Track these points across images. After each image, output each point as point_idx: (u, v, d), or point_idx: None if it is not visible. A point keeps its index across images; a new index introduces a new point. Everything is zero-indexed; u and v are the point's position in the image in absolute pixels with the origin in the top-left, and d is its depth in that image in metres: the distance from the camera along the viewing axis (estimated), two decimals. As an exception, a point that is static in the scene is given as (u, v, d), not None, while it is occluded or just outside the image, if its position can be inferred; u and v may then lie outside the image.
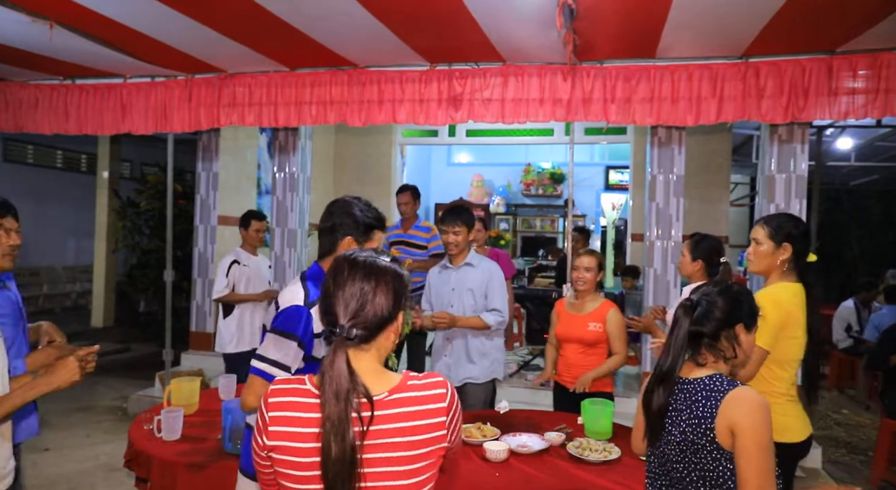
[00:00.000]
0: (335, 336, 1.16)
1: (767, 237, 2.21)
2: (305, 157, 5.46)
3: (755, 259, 2.26)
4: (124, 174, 8.24)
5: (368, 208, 1.93)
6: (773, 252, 2.20)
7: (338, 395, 1.10)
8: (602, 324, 3.03)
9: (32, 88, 4.64)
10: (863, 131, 6.89)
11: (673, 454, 1.58)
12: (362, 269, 1.19)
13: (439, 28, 3.39)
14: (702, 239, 2.93)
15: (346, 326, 1.15)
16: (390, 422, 1.13)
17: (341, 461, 1.08)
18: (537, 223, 9.60)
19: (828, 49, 3.52)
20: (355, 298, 1.17)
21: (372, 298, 1.17)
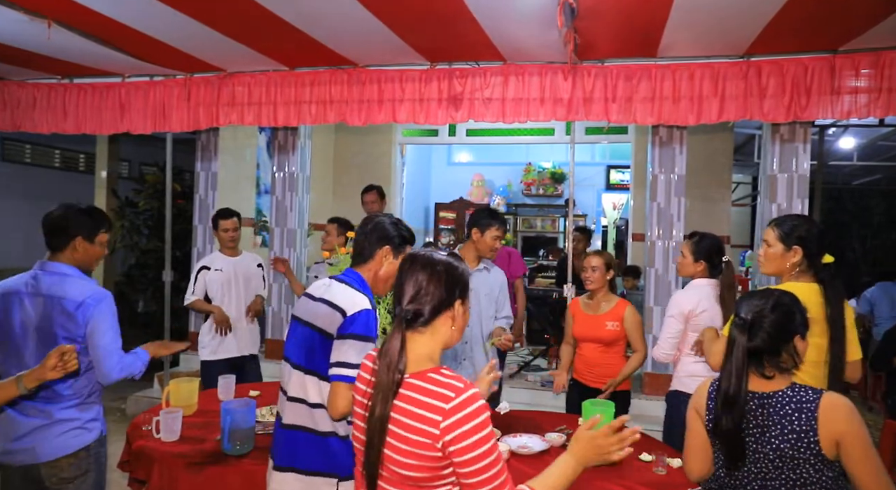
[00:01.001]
0: (397, 316, 1.37)
1: (778, 239, 2.21)
2: (305, 157, 5.44)
3: (766, 261, 2.26)
4: (123, 174, 8.23)
5: (401, 224, 2.03)
6: (784, 254, 2.20)
7: (389, 367, 1.32)
8: (619, 322, 3.09)
9: (30, 87, 4.63)
10: (865, 131, 6.87)
11: (767, 471, 1.54)
12: (420, 262, 1.40)
13: (439, 27, 3.38)
14: (702, 238, 2.87)
15: (405, 308, 1.36)
16: (401, 401, 1.31)
17: (380, 420, 1.30)
18: (538, 223, 9.58)
19: (830, 48, 3.50)
20: (413, 285, 1.37)
21: (426, 285, 1.37)
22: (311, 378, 1.84)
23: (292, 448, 1.85)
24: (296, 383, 1.86)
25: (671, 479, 2.18)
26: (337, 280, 1.92)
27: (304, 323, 1.88)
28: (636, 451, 2.35)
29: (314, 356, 1.83)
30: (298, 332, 1.90)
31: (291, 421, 1.86)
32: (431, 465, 1.26)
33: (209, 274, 3.88)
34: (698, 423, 1.69)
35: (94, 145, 6.90)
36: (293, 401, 1.87)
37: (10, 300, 2.12)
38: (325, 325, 1.80)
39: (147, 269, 7.00)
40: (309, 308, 1.89)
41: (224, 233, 3.91)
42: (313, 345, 1.83)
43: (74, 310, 2.06)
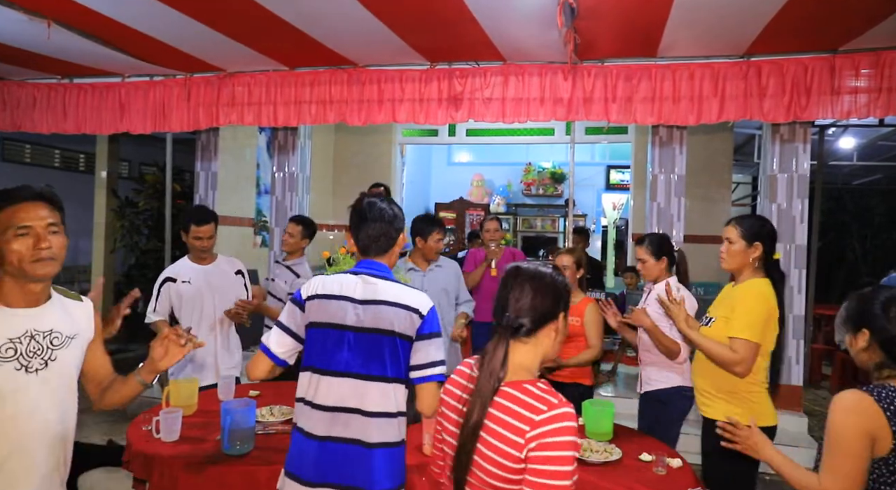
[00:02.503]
0: (502, 324, 1.39)
1: (740, 236, 2.35)
2: (305, 157, 5.44)
3: (728, 257, 2.39)
4: (122, 174, 8.23)
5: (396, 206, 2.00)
6: (746, 250, 2.35)
7: (490, 375, 1.34)
8: (580, 318, 3.11)
9: (30, 87, 4.63)
10: (865, 130, 6.87)
11: None
12: (527, 274, 1.42)
13: (439, 27, 3.38)
14: (662, 239, 3.02)
15: (511, 316, 1.38)
16: (494, 408, 1.32)
17: (475, 426, 1.31)
18: (538, 223, 9.57)
19: (830, 48, 3.50)
20: (520, 297, 1.39)
21: (533, 297, 1.39)
22: (377, 385, 1.77)
23: (335, 462, 1.76)
24: (377, 397, 1.77)
25: (671, 479, 2.18)
26: (374, 276, 1.84)
27: (371, 330, 1.78)
28: (636, 451, 2.35)
29: (385, 362, 1.77)
30: (362, 340, 1.79)
31: (339, 433, 1.76)
32: (514, 476, 1.26)
33: (175, 287, 3.15)
34: (868, 447, 1.48)
35: (94, 145, 6.90)
36: (344, 411, 1.77)
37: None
38: (405, 328, 1.77)
39: (147, 269, 6.99)
40: (369, 313, 1.79)
41: (196, 241, 3.14)
42: (385, 350, 1.77)
43: None
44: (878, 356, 1.57)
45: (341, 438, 1.77)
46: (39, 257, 1.51)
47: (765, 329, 2.25)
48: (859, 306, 1.62)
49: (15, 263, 1.49)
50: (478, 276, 4.52)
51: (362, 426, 1.77)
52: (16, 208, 1.53)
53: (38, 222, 1.54)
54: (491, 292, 4.55)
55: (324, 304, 1.83)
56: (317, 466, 1.78)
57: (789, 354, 4.28)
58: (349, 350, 1.79)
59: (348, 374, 1.79)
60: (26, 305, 1.55)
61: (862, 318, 1.60)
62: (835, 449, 1.49)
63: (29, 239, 1.51)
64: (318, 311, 1.84)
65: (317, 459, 1.78)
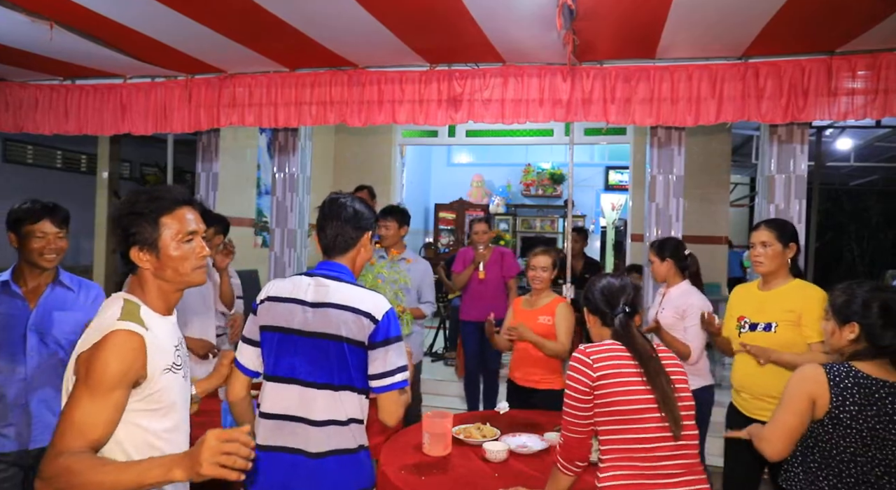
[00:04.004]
0: (620, 313, 1.86)
1: (776, 239, 2.43)
2: (305, 158, 5.45)
3: (766, 260, 2.45)
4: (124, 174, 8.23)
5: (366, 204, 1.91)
6: (783, 252, 2.43)
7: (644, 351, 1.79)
8: (552, 317, 3.16)
9: (32, 89, 4.64)
10: (862, 132, 6.89)
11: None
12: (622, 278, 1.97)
13: (439, 28, 3.39)
14: (664, 242, 3.20)
15: (623, 308, 1.86)
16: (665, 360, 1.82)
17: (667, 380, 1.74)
18: (537, 223, 9.59)
19: (827, 49, 3.52)
20: (626, 293, 1.90)
21: (632, 290, 1.91)
22: (345, 393, 1.71)
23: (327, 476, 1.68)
24: (324, 405, 1.69)
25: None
26: (327, 278, 1.76)
27: (317, 335, 1.69)
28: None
29: (346, 369, 1.69)
30: (309, 346, 1.70)
31: (324, 448, 1.68)
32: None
33: None
34: (809, 409, 1.74)
35: (96, 146, 6.91)
36: (324, 425, 1.70)
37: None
38: (354, 333, 1.68)
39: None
40: (317, 317, 1.70)
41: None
42: (332, 356, 1.69)
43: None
44: (861, 346, 1.75)
45: (285, 448, 1.69)
46: (202, 265, 1.45)
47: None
48: (845, 301, 1.78)
49: (181, 270, 1.40)
50: (465, 278, 4.54)
51: (306, 436, 1.69)
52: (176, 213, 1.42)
53: (200, 227, 1.46)
54: (478, 293, 4.60)
55: (273, 307, 1.76)
56: (265, 478, 1.70)
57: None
58: (296, 355, 1.71)
59: (294, 380, 1.71)
60: (167, 313, 1.47)
61: (850, 313, 1.76)
62: (782, 404, 1.79)
63: (195, 245, 1.43)
64: (267, 314, 1.77)
65: (264, 470, 1.70)
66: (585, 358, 1.78)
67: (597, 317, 1.95)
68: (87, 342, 1.32)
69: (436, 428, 2.36)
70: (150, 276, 1.42)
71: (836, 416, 1.70)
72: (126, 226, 1.39)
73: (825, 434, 1.74)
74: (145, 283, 1.43)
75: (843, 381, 1.71)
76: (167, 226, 1.39)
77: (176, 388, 1.43)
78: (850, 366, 1.74)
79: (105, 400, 1.27)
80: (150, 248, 1.39)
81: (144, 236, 1.38)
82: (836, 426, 1.71)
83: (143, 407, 1.36)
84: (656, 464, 1.70)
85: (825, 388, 1.71)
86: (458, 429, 2.55)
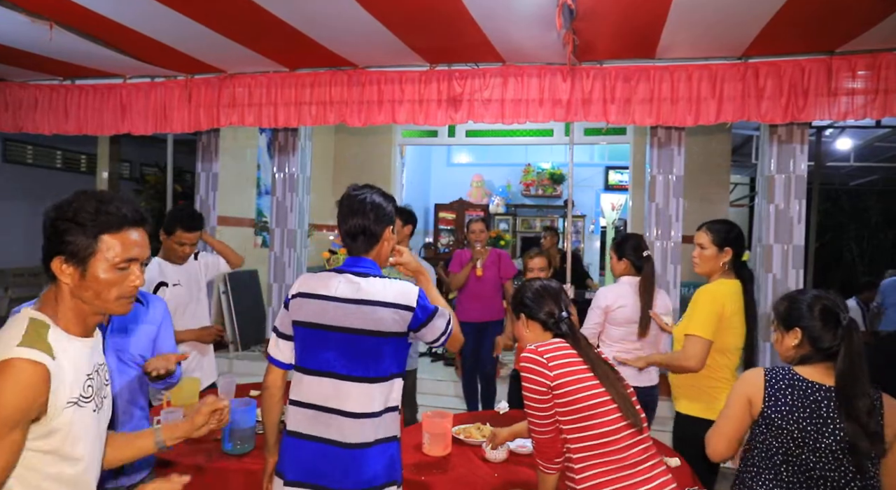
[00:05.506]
0: (565, 320, 1.91)
1: (711, 242, 2.52)
2: (305, 158, 5.45)
3: (701, 262, 2.56)
4: (124, 174, 8.24)
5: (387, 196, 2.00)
6: (717, 255, 2.52)
7: (590, 351, 1.85)
8: None
9: (32, 89, 4.64)
10: (862, 132, 6.89)
11: (828, 462, 1.70)
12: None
13: (439, 28, 3.40)
14: (623, 241, 3.24)
15: (566, 312, 1.93)
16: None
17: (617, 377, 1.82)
18: (537, 223, 9.59)
19: (827, 49, 3.53)
20: (563, 296, 1.99)
21: (563, 292, 2.01)
22: (379, 385, 1.75)
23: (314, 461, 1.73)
24: (358, 398, 1.74)
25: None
26: (357, 275, 1.81)
27: (352, 331, 1.74)
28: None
29: (381, 361, 1.75)
30: (343, 341, 1.75)
31: (359, 439, 1.72)
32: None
33: (169, 291, 2.99)
34: (746, 410, 1.79)
35: (96, 146, 6.92)
36: (324, 411, 1.75)
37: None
38: (391, 326, 1.74)
39: (147, 270, 7.01)
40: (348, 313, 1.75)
41: (179, 246, 3.02)
42: (369, 351, 1.74)
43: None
44: (805, 350, 1.79)
45: (321, 438, 1.74)
46: (129, 296, 1.30)
47: (719, 327, 2.40)
48: (789, 308, 1.83)
49: (103, 296, 1.25)
50: (463, 277, 4.53)
51: (341, 427, 1.73)
52: (122, 234, 1.26)
53: (143, 254, 1.30)
54: (475, 294, 4.61)
55: (306, 303, 1.80)
56: (297, 465, 1.75)
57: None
58: (330, 350, 1.76)
59: (330, 373, 1.76)
60: (85, 335, 1.30)
61: (791, 319, 1.81)
62: (724, 407, 1.84)
63: (129, 273, 1.27)
64: (300, 310, 1.81)
65: (297, 458, 1.75)
66: (540, 358, 1.78)
67: (537, 323, 1.94)
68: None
69: (436, 428, 2.36)
70: (68, 292, 1.24)
71: (768, 415, 1.74)
72: (61, 231, 1.21)
73: (760, 434, 1.78)
74: (61, 300, 1.25)
75: (778, 383, 1.75)
76: (106, 246, 1.23)
77: (82, 425, 1.23)
78: (789, 368, 1.78)
79: (4, 436, 1.11)
80: (76, 263, 1.21)
81: (76, 249, 1.21)
82: (768, 426, 1.75)
83: (38, 446, 1.18)
84: (623, 455, 1.74)
85: (760, 389, 1.76)
86: (458, 429, 2.56)
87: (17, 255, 7.49)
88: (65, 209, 1.22)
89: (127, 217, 1.26)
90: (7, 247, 7.60)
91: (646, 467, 1.76)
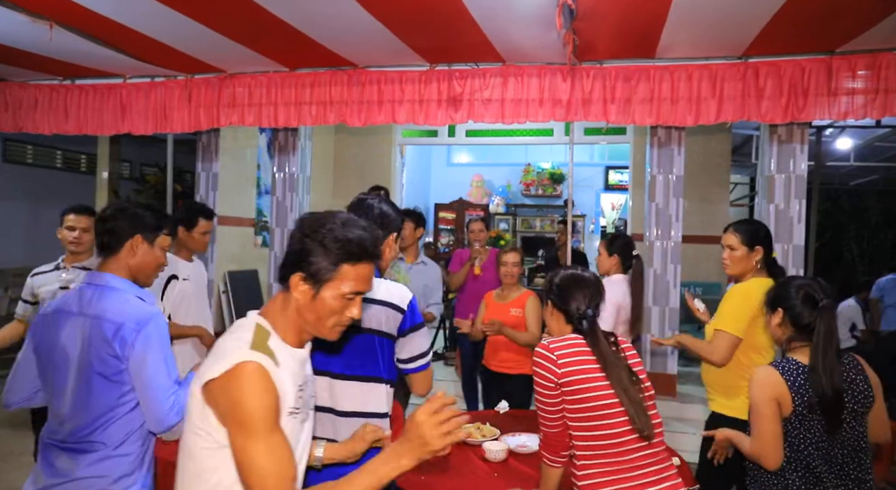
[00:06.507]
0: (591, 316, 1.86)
1: (741, 243, 2.48)
2: (305, 158, 5.45)
3: (732, 264, 2.52)
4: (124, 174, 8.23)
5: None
6: (748, 255, 2.48)
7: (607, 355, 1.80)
8: (522, 309, 3.39)
9: (32, 88, 4.64)
10: (862, 131, 6.89)
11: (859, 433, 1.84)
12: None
13: (439, 28, 3.40)
14: (615, 237, 3.33)
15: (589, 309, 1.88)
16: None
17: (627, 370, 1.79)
18: (537, 223, 9.59)
19: (827, 49, 3.53)
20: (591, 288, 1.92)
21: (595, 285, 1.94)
22: (372, 385, 1.75)
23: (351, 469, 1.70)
24: (352, 397, 1.74)
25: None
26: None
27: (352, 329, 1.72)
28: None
29: (376, 361, 1.75)
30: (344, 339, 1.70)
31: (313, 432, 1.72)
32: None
33: (179, 285, 3.04)
34: (778, 412, 1.81)
35: (96, 146, 6.91)
36: (350, 416, 1.74)
37: (58, 320, 1.72)
38: (385, 325, 1.76)
39: (147, 270, 7.00)
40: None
41: (202, 236, 3.14)
42: (373, 349, 1.75)
43: (112, 336, 1.64)
44: (789, 330, 1.90)
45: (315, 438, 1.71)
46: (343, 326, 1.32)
47: (753, 325, 2.38)
48: (777, 291, 1.96)
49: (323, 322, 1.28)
50: (462, 276, 4.55)
51: (334, 426, 1.74)
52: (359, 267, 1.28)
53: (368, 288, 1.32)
54: (475, 292, 4.64)
55: None
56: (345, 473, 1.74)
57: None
58: (328, 348, 1.76)
59: (326, 372, 1.77)
60: (299, 346, 1.33)
61: (777, 300, 1.93)
62: (755, 415, 1.84)
63: (352, 306, 1.30)
64: None
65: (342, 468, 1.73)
66: (550, 354, 1.80)
67: (561, 313, 1.92)
68: (216, 367, 1.18)
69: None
70: (295, 306, 1.28)
71: (800, 412, 1.80)
72: (308, 250, 1.26)
73: (793, 429, 1.82)
74: (286, 310, 1.29)
75: (797, 379, 1.81)
76: (343, 275, 1.26)
77: (294, 436, 1.27)
78: (793, 360, 1.85)
79: (273, 439, 1.16)
80: (313, 283, 1.25)
81: (316, 270, 1.25)
82: (801, 420, 1.80)
83: None
84: (626, 458, 1.74)
85: (785, 388, 1.80)
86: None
87: (17, 255, 7.49)
88: (317, 230, 1.27)
89: (367, 251, 1.29)
90: (7, 247, 7.60)
91: (650, 472, 1.75)
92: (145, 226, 1.79)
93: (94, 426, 1.65)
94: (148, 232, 1.80)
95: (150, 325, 1.67)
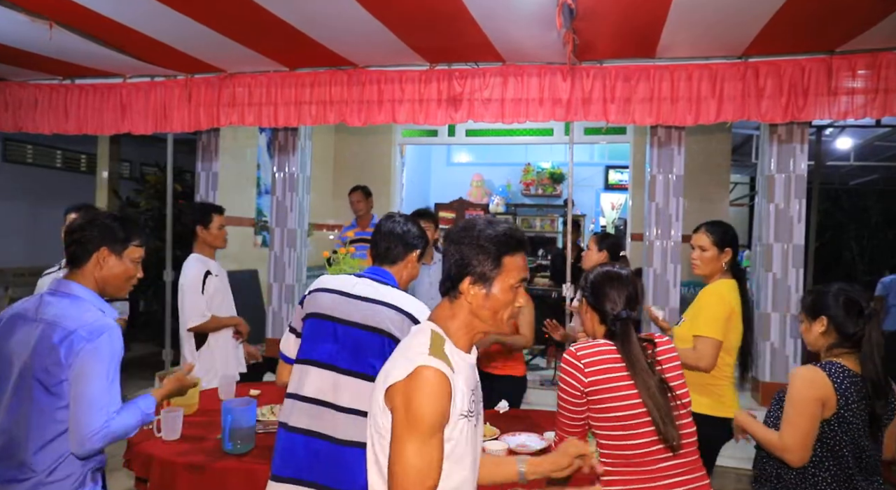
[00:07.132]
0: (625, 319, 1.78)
1: (712, 244, 2.53)
2: (305, 157, 5.46)
3: (702, 264, 2.56)
4: (124, 174, 8.23)
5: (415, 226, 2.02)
6: (718, 256, 2.53)
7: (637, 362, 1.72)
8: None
9: (32, 88, 4.64)
10: (862, 131, 6.89)
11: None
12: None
13: (439, 28, 3.39)
14: (607, 235, 3.37)
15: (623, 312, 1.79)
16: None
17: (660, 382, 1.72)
18: (537, 223, 9.58)
19: (827, 49, 3.53)
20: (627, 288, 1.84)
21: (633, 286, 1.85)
22: (354, 381, 1.75)
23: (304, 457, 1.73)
24: (353, 393, 1.75)
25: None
26: (375, 281, 1.87)
27: (361, 326, 1.78)
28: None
29: (369, 360, 1.75)
30: (350, 335, 1.78)
31: (348, 436, 1.72)
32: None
33: (213, 282, 3.22)
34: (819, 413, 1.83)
35: (96, 146, 6.92)
36: (349, 412, 1.74)
37: (14, 324, 1.69)
38: (395, 330, 1.76)
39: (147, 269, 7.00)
40: (362, 310, 1.79)
41: (220, 230, 3.26)
42: (373, 348, 1.75)
43: (59, 342, 1.59)
44: (832, 338, 1.90)
45: (315, 432, 1.75)
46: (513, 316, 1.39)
47: (727, 327, 2.42)
48: (816, 298, 1.95)
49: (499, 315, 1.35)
50: None
51: (333, 421, 1.74)
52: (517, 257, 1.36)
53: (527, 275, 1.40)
54: None
55: (319, 296, 1.87)
56: (286, 460, 1.76)
57: (787, 353, 4.30)
58: (335, 343, 1.79)
59: (331, 366, 1.78)
60: (468, 350, 1.39)
61: (819, 308, 1.92)
62: (795, 411, 1.84)
63: (519, 294, 1.37)
64: (312, 303, 1.88)
65: (288, 453, 1.77)
66: (577, 362, 1.75)
67: (596, 313, 1.86)
68: (397, 372, 1.24)
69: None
70: (468, 310, 1.34)
71: (842, 415, 1.82)
72: (468, 256, 1.33)
73: (831, 432, 1.84)
74: (458, 316, 1.35)
75: (843, 382, 1.83)
76: (508, 267, 1.34)
77: (469, 439, 1.31)
78: (840, 364, 1.86)
79: (430, 443, 1.21)
80: (483, 283, 1.32)
81: (483, 271, 1.32)
82: (841, 424, 1.83)
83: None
84: (651, 468, 1.70)
85: (832, 391, 1.82)
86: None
87: (17, 255, 7.49)
88: (468, 236, 1.35)
89: (519, 240, 1.38)
90: (7, 247, 7.60)
91: (678, 482, 1.71)
92: (113, 238, 1.76)
93: (27, 443, 1.59)
94: (116, 244, 1.77)
95: (102, 336, 1.62)
